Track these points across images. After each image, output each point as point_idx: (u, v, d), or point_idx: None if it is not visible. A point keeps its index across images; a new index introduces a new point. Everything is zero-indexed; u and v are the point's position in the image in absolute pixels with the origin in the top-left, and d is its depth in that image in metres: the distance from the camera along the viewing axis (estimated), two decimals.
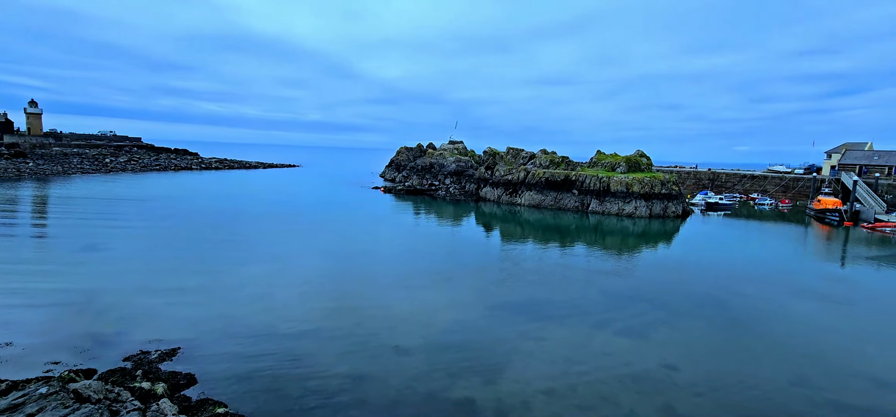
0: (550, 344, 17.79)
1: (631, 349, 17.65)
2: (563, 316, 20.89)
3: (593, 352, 17.22)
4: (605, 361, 16.54)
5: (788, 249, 40.68)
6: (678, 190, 59.04)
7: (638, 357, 16.94)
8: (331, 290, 23.45)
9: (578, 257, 33.56)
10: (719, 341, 18.82)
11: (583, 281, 27.15)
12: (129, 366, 14.70)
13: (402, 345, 17.20)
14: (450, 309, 21.25)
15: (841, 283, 28.99)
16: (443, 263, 30.09)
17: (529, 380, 14.97)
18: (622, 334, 19.12)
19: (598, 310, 21.92)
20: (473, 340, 17.96)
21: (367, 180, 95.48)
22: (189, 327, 18.07)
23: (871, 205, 59.76)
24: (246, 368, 15.06)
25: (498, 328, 19.24)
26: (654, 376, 15.53)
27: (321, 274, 26.18)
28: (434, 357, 16.32)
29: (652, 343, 18.35)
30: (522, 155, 72.14)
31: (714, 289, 25.99)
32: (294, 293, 22.72)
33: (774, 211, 67.01)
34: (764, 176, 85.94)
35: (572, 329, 19.45)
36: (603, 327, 19.79)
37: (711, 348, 18.11)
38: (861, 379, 15.79)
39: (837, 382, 15.56)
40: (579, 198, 59.05)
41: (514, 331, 18.89)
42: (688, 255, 35.61)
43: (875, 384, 15.51)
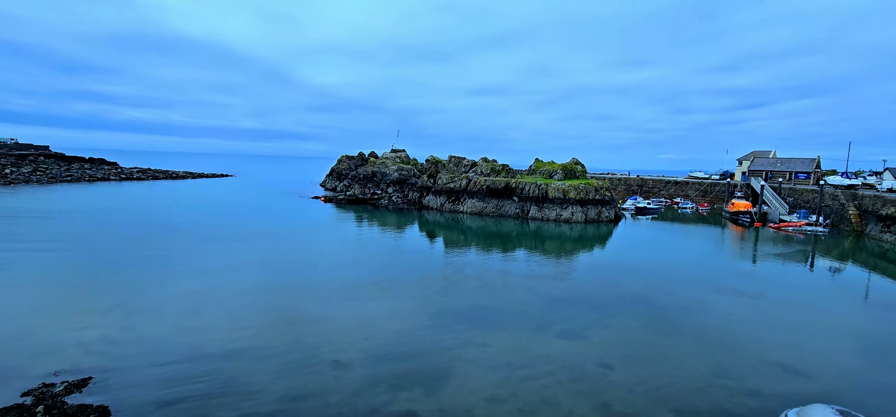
0: (493, 350, 17.93)
1: (569, 350, 18.18)
2: (505, 322, 21.17)
3: (534, 356, 17.55)
4: (546, 364, 16.90)
5: (708, 249, 44.01)
6: (610, 195, 62.23)
7: (576, 358, 17.48)
8: (267, 306, 22.30)
9: (519, 263, 34.31)
10: (649, 338, 19.86)
11: (524, 286, 27.73)
12: (28, 402, 13.07)
13: (343, 359, 16.63)
14: (392, 320, 20.88)
15: (753, 279, 31.70)
16: (385, 273, 29.61)
17: (472, 388, 14.97)
18: (561, 336, 19.67)
19: (539, 314, 22.45)
20: (416, 350, 17.73)
21: (307, 190, 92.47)
22: (103, 354, 16.42)
23: (776, 207, 66.19)
24: (170, 394, 13.87)
25: (441, 336, 19.14)
26: (591, 375, 16.07)
27: (256, 289, 24.84)
28: (375, 370, 15.91)
29: (589, 343, 19.02)
30: (464, 163, 73.05)
31: (644, 289, 27.48)
32: (226, 310, 21.36)
33: (695, 214, 72.48)
34: (686, 181, 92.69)
35: (514, 334, 19.75)
36: (543, 330, 20.26)
37: (643, 345, 19.06)
38: (772, 366, 17.24)
39: (752, 370, 16.88)
40: (519, 205, 60.61)
41: (457, 339, 18.87)
42: (620, 257, 37.51)
43: (784, 369, 16.99)
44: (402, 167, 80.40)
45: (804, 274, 34.07)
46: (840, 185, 66.37)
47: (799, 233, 53.45)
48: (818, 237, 51.23)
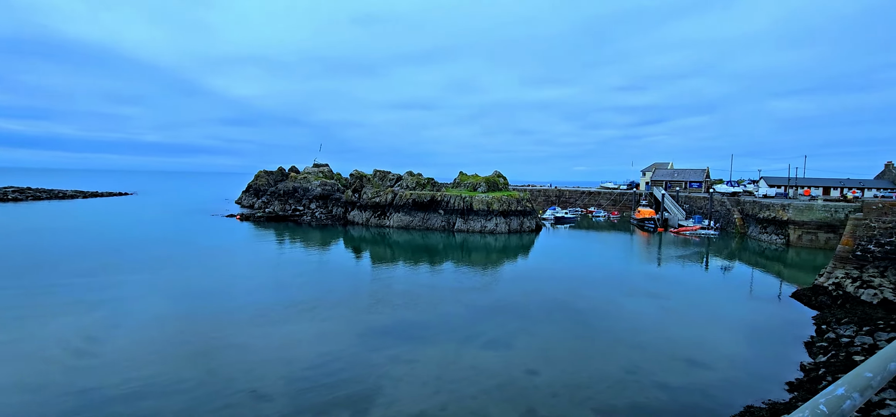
0: (421, 365, 17.74)
1: (496, 360, 18.49)
2: (433, 336, 21.08)
3: (462, 368, 17.61)
4: (474, 375, 17.02)
5: (619, 254, 47.36)
6: (531, 206, 64.98)
7: (503, 366, 17.80)
8: (175, 336, 20.29)
9: (447, 275, 34.52)
10: (571, 342, 20.79)
11: (451, 298, 27.89)
12: None
13: (261, 389, 15.53)
14: (315, 342, 19.94)
15: (658, 280, 34.54)
16: (308, 293, 28.31)
17: (401, 405, 14.65)
18: (488, 346, 19.96)
19: (466, 325, 22.64)
20: (341, 371, 17.04)
21: (221, 208, 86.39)
22: None
23: (675, 213, 73.06)
24: None
25: (367, 355, 18.59)
26: (518, 383, 16.43)
27: (163, 319, 22.54)
28: (298, 397, 15.03)
29: (515, 351, 19.48)
30: (389, 177, 72.56)
31: (565, 295, 28.83)
32: (127, 343, 19.13)
33: (607, 222, 77.88)
34: (598, 192, 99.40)
35: (442, 347, 19.71)
36: (470, 341, 20.44)
37: (565, 349, 19.89)
38: (678, 361, 18.76)
39: (661, 366, 18.24)
40: (445, 218, 61.25)
41: (385, 357, 18.44)
42: (542, 265, 39.14)
43: (689, 363, 18.56)
44: (325, 182, 78.04)
45: (701, 274, 37.78)
46: (726, 193, 74.84)
47: (695, 237, 59.34)
48: (710, 239, 57.24)
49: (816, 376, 17.23)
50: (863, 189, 78.15)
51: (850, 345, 19.88)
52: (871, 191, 76.14)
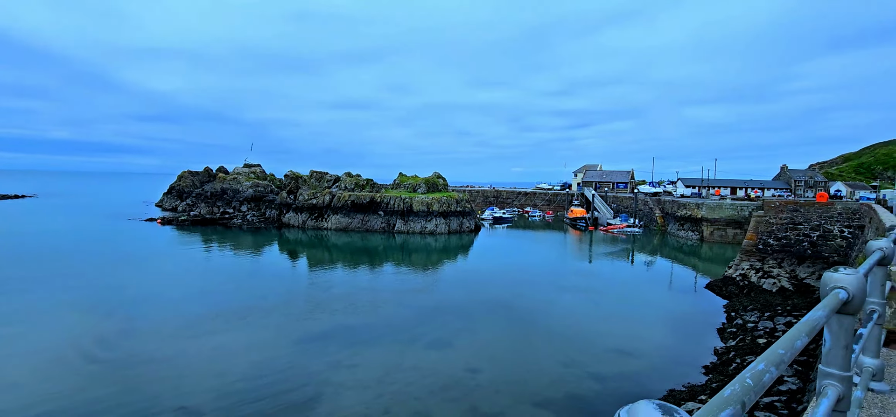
0: (363, 369, 17.41)
1: (439, 359, 18.56)
2: (374, 339, 20.77)
3: (405, 369, 17.50)
4: (416, 375, 16.97)
5: (554, 252, 49.36)
6: (470, 207, 66.04)
7: (445, 366, 17.91)
8: (90, 353, 18.39)
9: (387, 277, 34.17)
10: (510, 338, 21.34)
11: (393, 300, 27.64)
12: None
13: (191, 405, 14.48)
14: (249, 352, 18.94)
15: (590, 277, 36.39)
16: (240, 300, 26.83)
17: (342, 411, 14.27)
18: (430, 347, 19.99)
19: (408, 327, 22.53)
20: (278, 381, 16.31)
21: (139, 211, 79.62)
22: None
23: (604, 212, 77.38)
24: None
25: (306, 363, 17.94)
26: (460, 381, 16.60)
27: (75, 335, 20.34)
28: (232, 412, 14.18)
29: (456, 350, 19.66)
30: (327, 178, 70.65)
31: (504, 293, 29.54)
32: (32, 365, 17.06)
33: (543, 221, 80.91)
34: (534, 192, 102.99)
35: (384, 349, 19.47)
36: (413, 343, 20.36)
37: (505, 346, 20.38)
38: (610, 352, 19.86)
39: (594, 357, 19.22)
40: (385, 219, 60.66)
41: (324, 363, 17.89)
42: (482, 265, 39.87)
43: (618, 353, 19.70)
44: (257, 183, 74.46)
45: (627, 269, 40.28)
46: (648, 193, 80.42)
47: (622, 234, 63.20)
48: (635, 236, 61.23)
49: (727, 359, 18.95)
50: (763, 189, 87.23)
51: (754, 330, 22.09)
52: (770, 190, 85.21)
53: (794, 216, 33.94)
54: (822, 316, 1.61)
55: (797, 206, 34.23)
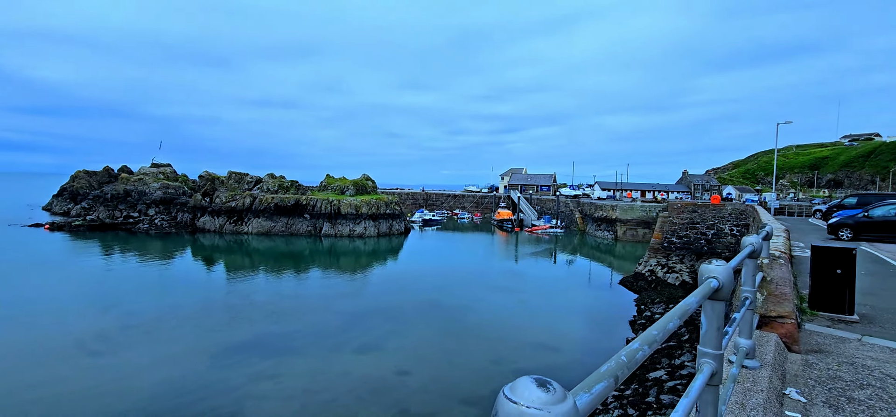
0: (287, 379, 16.72)
1: (368, 363, 18.31)
2: (300, 347, 20.02)
3: (332, 376, 17.07)
4: (345, 381, 16.62)
5: (482, 253, 50.61)
6: (400, 209, 65.82)
7: (374, 370, 17.71)
8: None
9: (314, 282, 33.09)
10: (440, 339, 21.57)
11: (319, 306, 26.82)
12: None
13: None
14: (158, 368, 17.44)
15: (516, 276, 37.77)
16: (147, 312, 24.61)
17: None
18: (359, 351, 19.66)
19: (336, 333, 21.98)
20: (192, 399, 15.19)
21: (22, 215, 70.07)
22: None
23: (529, 214, 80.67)
24: None
25: (224, 376, 16.88)
26: (389, 385, 16.49)
27: None
28: None
29: (386, 353, 19.52)
30: (247, 179, 66.90)
31: (434, 294, 29.78)
32: None
33: (471, 223, 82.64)
34: (463, 195, 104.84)
35: (310, 357, 18.84)
36: (341, 348, 19.90)
37: (435, 347, 20.57)
38: (533, 347, 20.75)
39: (519, 353, 19.99)
40: (311, 223, 58.67)
41: (246, 375, 16.95)
42: (412, 267, 39.89)
43: (541, 348, 20.65)
44: (167, 184, 68.68)
45: (550, 268, 42.33)
46: (569, 196, 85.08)
47: (545, 235, 66.27)
48: (558, 237, 64.50)
49: None
50: (668, 192, 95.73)
51: None
52: (674, 193, 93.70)
53: (693, 216, 37.64)
54: (693, 303, 1.84)
55: (695, 208, 37.99)
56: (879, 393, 4.27)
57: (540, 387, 0.85)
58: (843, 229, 19.61)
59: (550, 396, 0.84)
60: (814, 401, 3.95)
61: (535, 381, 0.86)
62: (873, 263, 13.02)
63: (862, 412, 3.84)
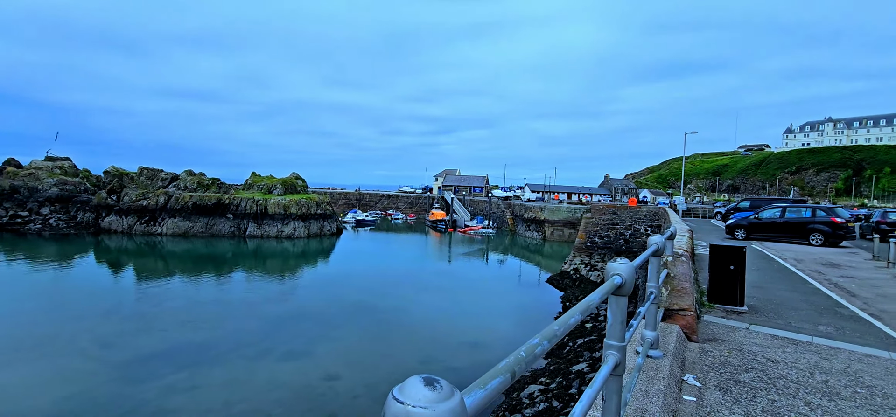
0: (205, 391, 15.65)
1: (295, 370, 17.61)
2: (219, 355, 18.82)
3: (256, 385, 16.22)
4: (270, 390, 15.86)
5: (416, 254, 50.62)
6: (332, 209, 64.11)
7: (301, 376, 17.07)
8: None
9: (237, 285, 31.29)
10: (371, 342, 21.25)
11: (243, 311, 25.39)
12: None
13: None
14: (56, 385, 15.60)
15: (449, 276, 38.18)
16: (41, 324, 21.93)
17: None
18: (286, 358, 18.86)
19: (260, 339, 20.92)
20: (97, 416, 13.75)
21: None
22: None
23: (462, 215, 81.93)
24: None
25: (133, 390, 15.45)
26: (317, 391, 15.97)
27: None
28: None
29: (314, 359, 18.89)
30: (161, 176, 61.91)
31: (365, 296, 29.30)
32: None
33: (405, 224, 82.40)
34: (397, 195, 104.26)
35: (231, 366, 17.77)
36: (265, 356, 18.98)
37: (365, 350, 20.23)
38: (464, 345, 21.07)
39: (450, 353, 20.21)
40: (235, 223, 55.43)
41: (156, 388, 15.63)
42: (343, 269, 38.97)
43: (471, 346, 21.02)
44: (65, 180, 61.71)
45: (482, 267, 43.27)
46: (501, 197, 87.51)
47: (478, 235, 67.65)
48: (490, 237, 66.10)
49: (562, 343, 21.60)
50: (591, 195, 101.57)
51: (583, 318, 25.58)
52: (597, 196, 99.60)
53: (613, 218, 40.23)
54: (597, 299, 1.95)
55: (615, 210, 40.63)
56: (761, 376, 4.80)
57: (427, 386, 0.85)
58: (738, 229, 21.89)
59: (437, 394, 0.84)
60: (707, 385, 4.36)
61: (423, 380, 0.86)
62: (761, 260, 14.66)
63: (746, 392, 4.30)
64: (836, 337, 6.82)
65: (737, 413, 3.84)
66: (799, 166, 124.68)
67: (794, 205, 23.48)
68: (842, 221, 20.33)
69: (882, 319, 8.11)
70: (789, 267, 13.37)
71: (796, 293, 9.94)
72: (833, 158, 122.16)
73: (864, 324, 7.71)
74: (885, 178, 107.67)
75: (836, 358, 5.64)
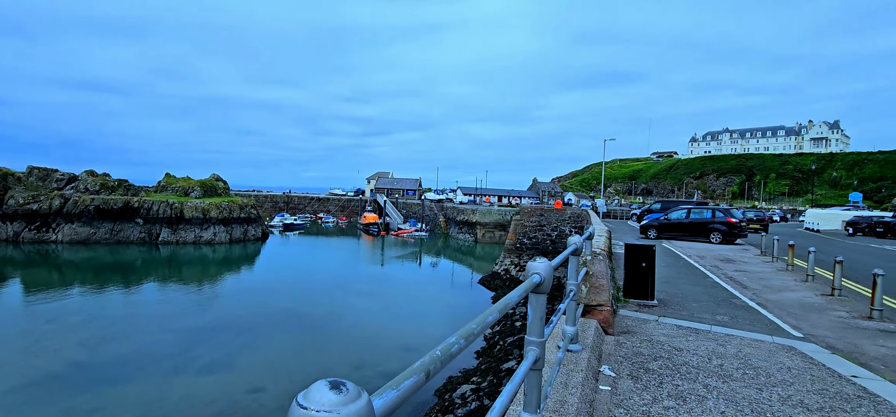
0: (111, 412, 14.21)
1: (215, 384, 16.51)
2: (129, 373, 17.19)
3: (171, 402, 15.00)
4: (187, 407, 14.74)
5: (347, 258, 49.51)
6: (257, 213, 60.95)
7: (222, 391, 16.04)
8: None
9: (149, 296, 28.77)
10: (300, 350, 20.46)
11: (155, 324, 23.38)
12: None
13: None
14: None
15: (382, 280, 37.74)
16: None
17: None
18: (205, 372, 17.64)
19: (176, 353, 19.39)
20: None
21: None
22: None
23: (395, 218, 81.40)
24: None
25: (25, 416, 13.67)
26: (240, 405, 15.09)
27: None
28: None
29: (237, 371, 17.84)
30: (56, 177, 55.42)
31: (294, 303, 28.16)
32: None
33: (336, 228, 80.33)
34: (327, 198, 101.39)
35: (142, 384, 16.30)
36: (182, 370, 17.62)
37: (294, 359, 19.43)
38: (397, 349, 20.92)
39: (382, 356, 19.98)
40: (146, 228, 50.94)
41: (54, 413, 13.95)
42: (269, 275, 37.18)
43: (404, 349, 20.93)
44: None
45: (416, 270, 43.25)
46: (434, 200, 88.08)
47: (411, 238, 67.54)
48: (423, 240, 66.25)
49: (493, 342, 22.16)
50: (521, 197, 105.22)
51: (513, 316, 26.41)
52: (526, 198, 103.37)
53: (541, 220, 41.97)
54: (515, 297, 2.03)
55: (542, 212, 42.42)
56: (667, 363, 5.24)
57: (333, 389, 0.83)
58: (650, 229, 23.73)
59: (342, 397, 0.83)
60: (621, 375, 4.69)
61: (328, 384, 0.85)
62: (670, 256, 16.02)
63: (654, 379, 4.68)
64: (731, 325, 7.62)
65: (646, 398, 4.16)
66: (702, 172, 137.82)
67: (698, 207, 25.92)
68: (736, 221, 22.75)
69: (767, 307, 9.19)
70: (693, 263, 14.72)
71: (698, 287, 10.96)
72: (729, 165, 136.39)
73: (753, 313, 8.68)
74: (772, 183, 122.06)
75: (729, 344, 6.29)
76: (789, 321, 8.18)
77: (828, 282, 11.47)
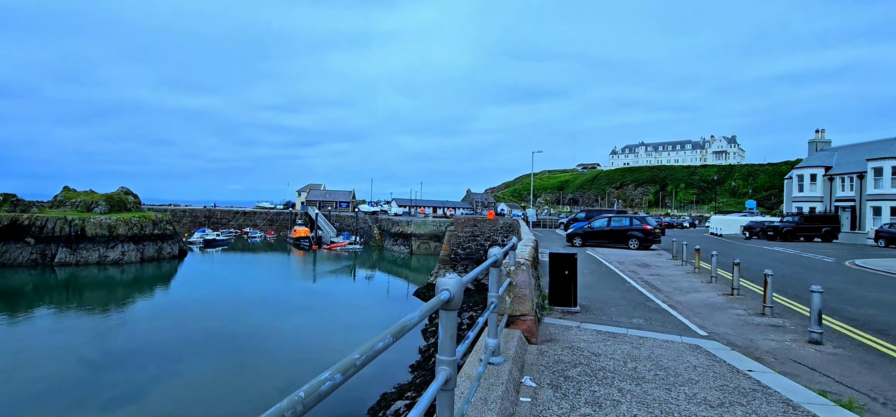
0: None
1: None
2: (14, 413, 15.07)
3: None
4: None
5: (276, 274, 47.24)
6: (174, 229, 56.57)
7: None
8: None
9: (42, 324, 25.59)
10: (226, 374, 19.09)
11: (50, 356, 20.77)
12: None
13: None
14: None
15: (314, 295, 36.37)
16: None
17: None
18: (111, 406, 15.90)
19: (75, 386, 17.33)
20: None
21: None
22: None
23: (327, 231, 79.05)
24: None
25: None
26: None
27: None
28: None
29: (150, 402, 16.26)
30: None
31: (216, 325, 26.29)
32: None
33: (264, 243, 76.48)
34: (254, 211, 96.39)
35: None
36: (83, 405, 15.76)
37: (216, 384, 18.08)
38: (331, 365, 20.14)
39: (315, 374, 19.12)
40: (39, 249, 45.38)
41: None
42: (189, 295, 34.50)
43: None
44: None
45: (350, 284, 42.17)
46: (368, 212, 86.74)
47: (345, 252, 65.87)
48: (357, 253, 64.86)
49: (428, 355, 22.05)
50: (455, 208, 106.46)
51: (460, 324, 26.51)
52: (460, 209, 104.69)
53: (474, 230, 42.68)
54: (415, 317, 1.96)
55: (476, 223, 43.17)
56: (586, 369, 5.44)
57: None
58: (575, 238, 24.91)
59: None
60: (542, 385, 4.79)
61: None
62: (593, 263, 16.86)
63: (573, 387, 4.82)
64: (646, 327, 8.11)
65: (564, 407, 4.27)
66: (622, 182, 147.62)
67: (618, 216, 27.63)
68: (651, 228, 24.51)
69: (677, 309, 9.90)
70: (613, 269, 15.60)
71: (617, 291, 11.61)
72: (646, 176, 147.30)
73: (665, 314, 9.31)
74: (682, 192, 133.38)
75: (643, 347, 6.67)
76: (696, 320, 8.86)
77: (728, 283, 12.62)
